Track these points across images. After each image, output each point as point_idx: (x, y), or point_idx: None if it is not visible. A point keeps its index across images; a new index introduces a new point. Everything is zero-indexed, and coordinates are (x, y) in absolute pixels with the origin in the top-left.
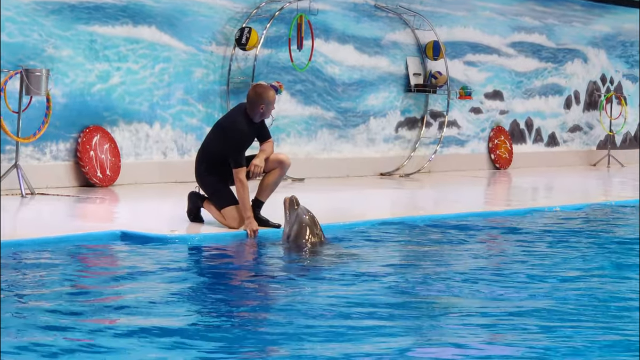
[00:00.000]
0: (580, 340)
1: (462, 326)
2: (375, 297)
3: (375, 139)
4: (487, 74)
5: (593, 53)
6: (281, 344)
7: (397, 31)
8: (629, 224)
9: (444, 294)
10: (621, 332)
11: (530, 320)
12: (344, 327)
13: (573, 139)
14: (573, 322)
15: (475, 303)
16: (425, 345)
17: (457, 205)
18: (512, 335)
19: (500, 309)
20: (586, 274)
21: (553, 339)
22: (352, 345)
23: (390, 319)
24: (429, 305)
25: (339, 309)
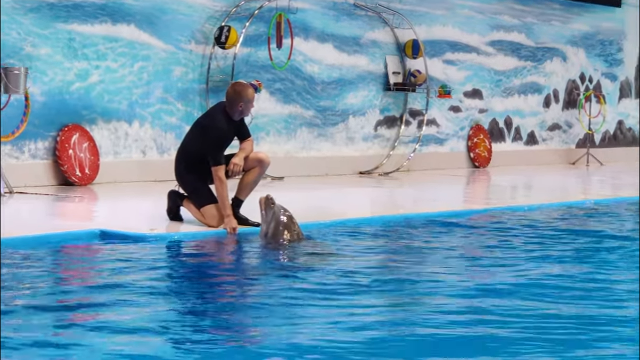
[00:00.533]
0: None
1: (441, 322)
2: (354, 295)
3: (355, 138)
4: (466, 73)
5: (572, 52)
6: (260, 342)
7: (376, 30)
8: (608, 222)
9: (424, 292)
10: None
11: (512, 318)
12: (324, 325)
13: (552, 137)
14: (552, 322)
15: (453, 300)
16: (404, 340)
17: (436, 204)
18: (498, 336)
19: (480, 306)
20: (565, 272)
21: (531, 336)
22: (331, 343)
23: (370, 316)
24: (409, 303)
25: (318, 307)
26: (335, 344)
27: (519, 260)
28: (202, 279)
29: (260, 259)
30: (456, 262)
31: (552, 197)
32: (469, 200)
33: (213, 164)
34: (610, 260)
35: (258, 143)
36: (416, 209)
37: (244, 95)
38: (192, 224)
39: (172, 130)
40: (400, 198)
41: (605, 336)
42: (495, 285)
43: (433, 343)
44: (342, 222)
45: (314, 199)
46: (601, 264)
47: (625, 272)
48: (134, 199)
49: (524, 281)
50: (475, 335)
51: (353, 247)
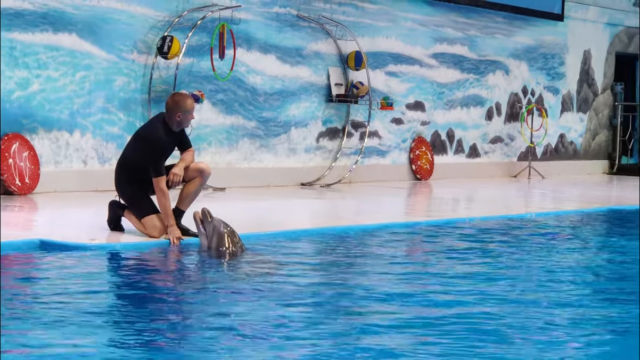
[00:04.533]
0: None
1: (379, 332)
2: (296, 307)
3: (297, 149)
4: (408, 85)
5: (515, 65)
6: (202, 356)
7: (319, 41)
8: (549, 235)
9: (365, 303)
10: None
11: (455, 327)
12: (267, 337)
13: (494, 150)
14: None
15: (395, 310)
16: (346, 352)
17: (378, 216)
18: (444, 341)
19: (424, 316)
20: (508, 284)
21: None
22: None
23: (309, 328)
24: (350, 315)
25: (261, 319)
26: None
27: (456, 271)
28: (142, 291)
29: (202, 271)
30: (396, 274)
31: (493, 209)
32: (410, 213)
33: (154, 175)
34: (545, 270)
35: (200, 154)
36: (357, 221)
37: (182, 105)
38: (133, 234)
39: (113, 140)
40: (342, 210)
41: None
42: (434, 296)
43: (374, 353)
44: (284, 234)
45: (256, 210)
46: (537, 274)
47: (560, 282)
48: (75, 208)
49: (460, 291)
50: (416, 343)
51: (294, 259)
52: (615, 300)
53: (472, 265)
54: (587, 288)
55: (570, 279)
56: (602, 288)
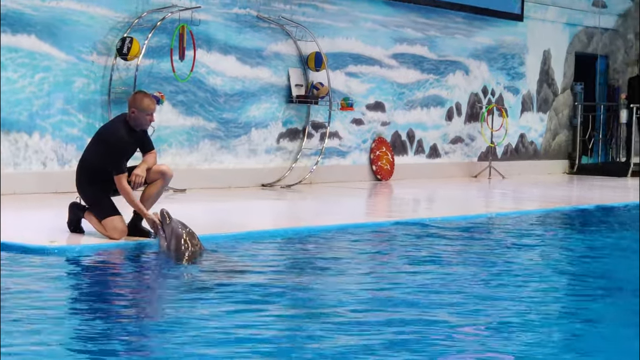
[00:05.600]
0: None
1: (339, 333)
2: (256, 308)
3: (257, 150)
4: (368, 85)
5: (475, 65)
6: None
7: (279, 42)
8: (510, 235)
9: (327, 304)
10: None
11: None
12: (226, 340)
13: (454, 150)
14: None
15: (353, 311)
16: (306, 354)
17: (338, 217)
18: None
19: (382, 317)
20: (467, 284)
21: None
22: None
23: (269, 329)
24: (312, 316)
25: (221, 321)
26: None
27: (416, 270)
28: (102, 293)
29: (163, 273)
30: (356, 274)
31: (453, 210)
32: (371, 213)
33: (115, 173)
34: (505, 270)
35: (160, 155)
36: (318, 222)
37: (138, 103)
38: (94, 236)
39: (73, 141)
40: (302, 211)
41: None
42: (394, 295)
43: (334, 353)
44: (245, 235)
45: (216, 211)
46: (497, 274)
47: (519, 280)
48: (34, 210)
49: (421, 291)
50: (377, 343)
51: (255, 260)
52: (577, 296)
53: (431, 264)
54: (546, 285)
55: (530, 278)
56: (560, 284)
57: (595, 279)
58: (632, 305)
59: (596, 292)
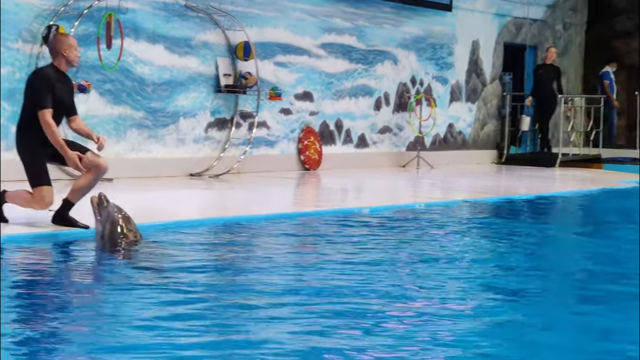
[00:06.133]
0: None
1: (269, 321)
2: (188, 297)
3: (185, 140)
4: (297, 75)
5: (403, 55)
6: (90, 352)
7: (207, 31)
8: (437, 225)
9: (255, 294)
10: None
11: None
12: (159, 330)
13: (383, 140)
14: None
15: (281, 300)
16: (238, 343)
17: (266, 206)
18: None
19: (313, 309)
20: (395, 274)
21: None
22: (163, 348)
23: (204, 318)
24: (243, 306)
25: (153, 310)
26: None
27: (345, 260)
28: (28, 285)
29: (94, 262)
30: (285, 263)
31: (382, 199)
32: (299, 203)
33: (39, 108)
34: (432, 259)
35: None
36: (246, 211)
37: (65, 41)
38: (19, 225)
39: None
40: (231, 200)
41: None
42: (320, 284)
43: (262, 344)
44: (173, 224)
45: (144, 200)
46: (422, 263)
47: (447, 271)
48: None
49: (348, 280)
50: (304, 331)
51: (182, 249)
52: (494, 289)
53: (359, 254)
54: (472, 275)
55: (456, 267)
56: (485, 272)
57: (523, 267)
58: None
59: (523, 279)
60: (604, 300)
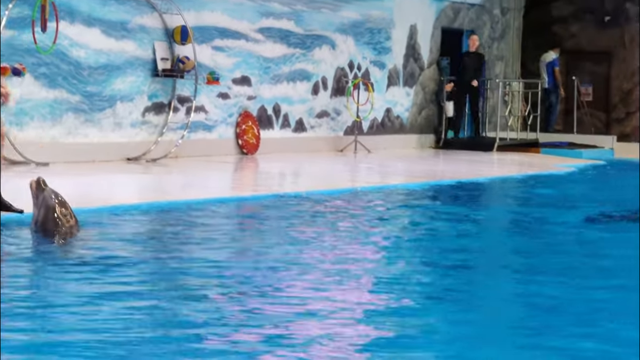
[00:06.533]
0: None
1: (215, 309)
2: (124, 282)
3: (122, 124)
4: (235, 60)
5: (341, 39)
6: (26, 345)
7: (144, 15)
8: (375, 210)
9: (195, 277)
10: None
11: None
12: (96, 316)
13: (320, 124)
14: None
15: (220, 284)
16: (175, 326)
17: (204, 191)
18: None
19: (250, 293)
20: (335, 259)
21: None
22: (98, 335)
23: (143, 299)
24: (183, 290)
25: (91, 297)
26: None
27: (283, 245)
28: None
29: (28, 248)
30: (220, 248)
31: (319, 184)
32: (236, 187)
33: None
34: (368, 244)
35: (22, 128)
36: (184, 196)
37: None
38: None
39: None
40: (168, 184)
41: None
42: (258, 269)
43: (193, 325)
44: (110, 208)
45: (81, 185)
46: (358, 248)
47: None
48: None
49: (281, 265)
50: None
51: (120, 234)
52: (436, 269)
53: (294, 238)
54: (406, 258)
55: (392, 251)
56: (420, 256)
57: (454, 251)
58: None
59: (454, 264)
60: (531, 275)
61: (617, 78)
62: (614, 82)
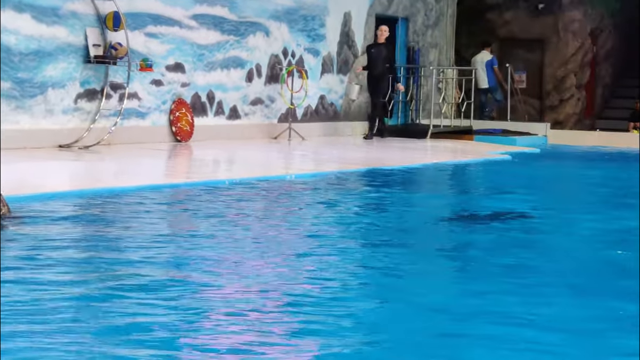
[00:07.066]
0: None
1: (144, 298)
2: (56, 271)
3: (54, 110)
4: (168, 46)
5: (275, 27)
6: None
7: (75, 1)
8: (308, 195)
9: (126, 266)
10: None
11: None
12: (31, 307)
13: (255, 112)
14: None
15: (152, 272)
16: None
17: (137, 178)
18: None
19: (180, 279)
20: (261, 245)
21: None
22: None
23: (76, 285)
24: (109, 278)
25: (19, 287)
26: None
27: (218, 232)
28: None
29: None
30: (155, 236)
31: (253, 171)
32: (170, 175)
33: None
34: (301, 230)
35: None
36: (117, 183)
37: None
38: None
39: None
40: (101, 172)
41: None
42: (194, 257)
43: (123, 314)
44: (42, 196)
45: (12, 172)
46: (299, 233)
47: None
48: None
49: (214, 252)
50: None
51: (52, 221)
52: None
53: (229, 226)
54: (337, 243)
55: (324, 238)
56: (351, 242)
57: (385, 235)
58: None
59: (385, 249)
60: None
61: (550, 65)
62: (547, 69)
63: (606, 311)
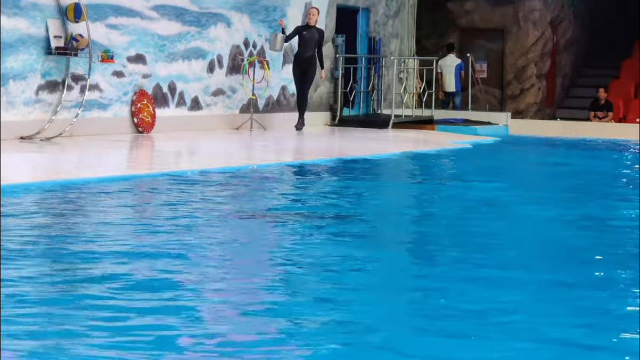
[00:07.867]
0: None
1: (93, 288)
2: (17, 265)
3: (15, 102)
4: (129, 38)
5: (237, 17)
6: None
7: None
8: (273, 185)
9: (89, 260)
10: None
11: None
12: None
13: (216, 102)
14: None
15: (109, 266)
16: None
17: (99, 169)
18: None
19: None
20: (218, 237)
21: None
22: None
23: (37, 278)
24: (75, 272)
25: None
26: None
27: (177, 224)
28: None
29: None
30: (116, 228)
31: (215, 162)
32: (132, 166)
33: None
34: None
35: None
36: (78, 175)
37: None
38: None
39: None
40: (63, 163)
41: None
42: (147, 248)
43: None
44: (3, 188)
45: None
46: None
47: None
48: None
49: (178, 246)
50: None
51: (13, 213)
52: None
53: (191, 217)
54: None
55: (285, 229)
56: (315, 231)
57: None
58: None
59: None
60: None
61: (511, 55)
62: (508, 59)
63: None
